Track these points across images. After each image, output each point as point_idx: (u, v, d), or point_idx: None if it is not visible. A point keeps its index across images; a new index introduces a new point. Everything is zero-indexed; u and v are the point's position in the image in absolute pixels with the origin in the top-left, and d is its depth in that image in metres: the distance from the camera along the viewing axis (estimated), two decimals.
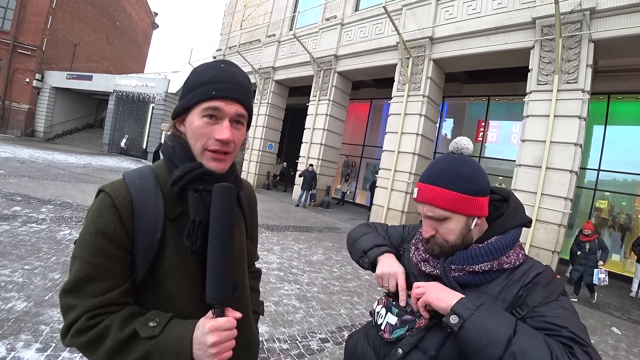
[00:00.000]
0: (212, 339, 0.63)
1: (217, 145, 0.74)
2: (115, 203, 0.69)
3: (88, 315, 0.65)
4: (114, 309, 0.67)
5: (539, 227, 6.73)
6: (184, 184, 0.73)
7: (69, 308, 0.66)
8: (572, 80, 6.64)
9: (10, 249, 3.74)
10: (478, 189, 0.82)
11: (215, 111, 0.73)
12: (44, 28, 22.85)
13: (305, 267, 5.07)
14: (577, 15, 6.57)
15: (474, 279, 0.82)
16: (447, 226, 0.82)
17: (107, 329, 0.65)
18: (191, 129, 0.75)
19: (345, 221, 10.33)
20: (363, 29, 11.38)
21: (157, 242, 0.71)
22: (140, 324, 0.66)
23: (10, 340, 2.23)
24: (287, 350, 2.74)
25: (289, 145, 20.71)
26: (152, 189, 0.74)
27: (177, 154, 0.77)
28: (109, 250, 0.68)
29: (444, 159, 0.86)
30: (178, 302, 0.74)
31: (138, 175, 0.76)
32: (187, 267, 0.74)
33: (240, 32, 16.22)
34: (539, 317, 0.71)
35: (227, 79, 0.74)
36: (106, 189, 0.72)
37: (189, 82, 0.77)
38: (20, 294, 2.84)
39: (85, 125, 27.53)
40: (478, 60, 8.77)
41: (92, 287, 0.66)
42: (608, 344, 4.08)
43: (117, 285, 0.69)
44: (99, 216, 0.69)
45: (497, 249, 0.81)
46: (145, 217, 0.71)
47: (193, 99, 0.74)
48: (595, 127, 9.23)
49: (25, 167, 10.10)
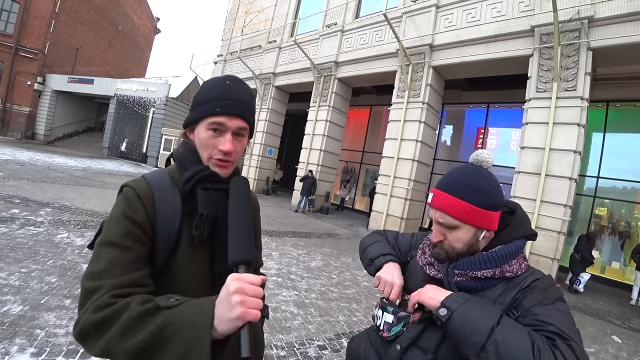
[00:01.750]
0: (235, 286, 0.60)
1: (221, 155, 0.84)
2: (140, 195, 0.77)
3: (112, 293, 0.64)
4: (138, 290, 0.68)
5: (539, 234, 6.69)
6: (194, 183, 0.83)
7: (92, 290, 0.65)
8: (571, 87, 6.68)
9: (7, 251, 3.71)
10: (492, 203, 0.83)
11: (219, 125, 0.83)
12: (46, 32, 23.02)
13: (303, 273, 5.04)
14: (575, 24, 6.63)
15: (475, 284, 0.84)
16: (455, 234, 0.85)
17: (127, 305, 0.62)
18: (199, 139, 0.85)
19: (344, 227, 10.30)
20: (363, 36, 11.47)
21: (175, 232, 0.79)
22: (161, 298, 0.65)
23: (5, 344, 2.20)
24: (284, 358, 2.71)
25: (289, 151, 20.74)
26: (170, 187, 0.84)
27: (187, 158, 0.87)
28: (137, 234, 0.74)
29: (463, 169, 0.87)
30: (189, 290, 0.77)
31: (157, 175, 0.85)
32: (198, 257, 0.82)
33: (241, 38, 16.34)
34: (531, 315, 0.73)
35: (231, 96, 0.83)
36: (130, 184, 0.80)
37: (198, 97, 0.86)
38: (16, 297, 2.81)
39: (85, 129, 27.60)
40: (477, 67, 8.83)
41: (119, 269, 0.69)
42: (608, 353, 4.04)
43: (142, 267, 0.73)
44: (127, 205, 0.76)
45: (500, 257, 0.83)
46: (165, 209, 0.79)
47: (201, 113, 0.84)
48: (594, 135, 9.26)
49: (25, 169, 10.09)
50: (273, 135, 15.73)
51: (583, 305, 6.04)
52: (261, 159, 15.26)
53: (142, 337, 0.58)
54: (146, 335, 0.58)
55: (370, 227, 10.24)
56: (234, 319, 0.58)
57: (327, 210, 12.64)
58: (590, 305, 6.12)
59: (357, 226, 10.94)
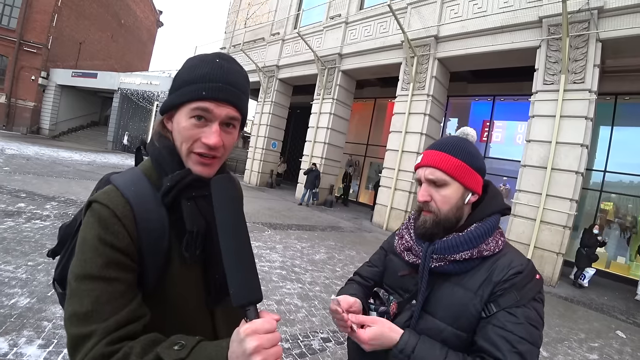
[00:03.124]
0: (252, 344, 0.51)
1: (204, 149, 0.68)
2: (116, 214, 0.62)
3: (107, 340, 0.55)
4: (135, 326, 0.59)
5: (544, 228, 6.67)
6: (176, 194, 0.68)
7: (83, 338, 0.56)
8: (579, 80, 6.57)
9: (14, 245, 3.76)
10: (478, 165, 0.87)
11: (205, 112, 0.67)
12: (49, 26, 23.03)
13: (307, 266, 5.05)
14: (584, 15, 6.49)
15: (454, 267, 0.84)
16: (444, 193, 0.85)
17: (125, 356, 0.55)
18: (178, 128, 0.70)
19: (348, 220, 10.31)
20: (368, 28, 11.34)
21: (165, 249, 0.67)
22: (163, 348, 0.56)
23: (13, 336, 2.24)
24: (288, 350, 2.73)
25: (293, 143, 20.71)
26: (150, 195, 0.68)
27: (165, 159, 0.71)
28: (121, 261, 0.61)
29: (452, 136, 0.92)
30: (182, 308, 0.70)
31: (131, 181, 0.69)
32: (191, 272, 0.71)
33: (244, 30, 16.22)
34: (500, 327, 0.75)
35: (221, 78, 0.68)
36: (100, 199, 0.64)
37: (180, 77, 0.70)
38: (23, 290, 2.85)
39: (90, 123, 27.73)
40: (483, 59, 8.71)
41: (110, 306, 0.58)
42: (613, 348, 4.03)
43: (134, 297, 0.62)
44: (103, 228, 0.61)
45: (476, 237, 0.83)
46: (149, 225, 0.65)
47: (182, 97, 0.68)
48: (602, 128, 9.13)
49: (31, 164, 10.17)
50: (277, 128, 15.70)
51: (587, 300, 6.01)
52: (265, 152, 15.25)
53: None
54: None
55: (374, 220, 10.24)
56: None
57: (331, 204, 12.64)
58: (594, 300, 6.10)
59: (362, 219, 10.95)
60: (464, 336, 0.79)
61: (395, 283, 0.97)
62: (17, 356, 2.06)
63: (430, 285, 0.86)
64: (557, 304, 5.51)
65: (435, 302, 0.84)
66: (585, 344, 4.00)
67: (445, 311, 0.82)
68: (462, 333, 0.79)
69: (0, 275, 3.02)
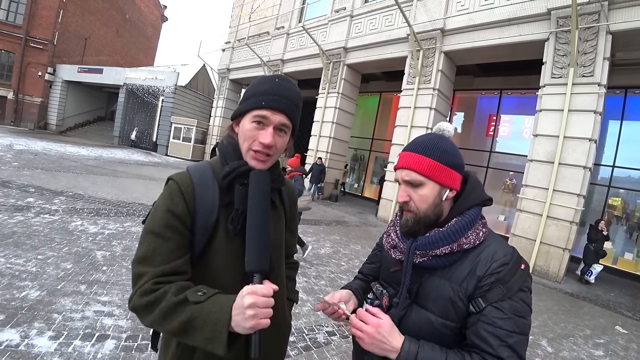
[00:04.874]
0: (249, 300, 0.69)
1: (260, 147, 0.86)
2: (181, 189, 0.84)
3: (154, 281, 0.76)
4: (176, 278, 0.78)
5: (550, 223, 6.62)
6: (232, 179, 0.87)
7: (140, 275, 0.78)
8: (588, 73, 6.46)
9: (24, 239, 3.82)
10: (453, 162, 0.88)
11: (263, 118, 0.86)
12: (55, 22, 23.10)
13: (313, 260, 5.08)
14: (594, 6, 6.36)
15: (437, 262, 0.87)
16: (421, 192, 0.88)
17: (164, 294, 0.74)
18: (242, 130, 0.89)
19: (353, 215, 10.31)
20: (373, 21, 11.22)
21: (212, 223, 0.85)
22: (191, 291, 0.75)
23: (24, 327, 2.29)
24: (294, 343, 2.75)
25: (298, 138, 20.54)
26: (210, 180, 0.88)
27: (228, 153, 0.91)
28: (176, 226, 0.81)
29: (425, 135, 0.93)
30: (223, 276, 0.86)
31: (199, 168, 0.90)
32: (232, 246, 0.86)
33: (249, 24, 16.16)
34: (489, 323, 0.77)
35: (277, 92, 0.86)
36: (174, 177, 0.87)
37: (248, 92, 0.91)
38: (33, 283, 2.90)
39: (96, 118, 27.92)
40: (490, 52, 8.59)
41: (161, 257, 0.78)
42: (618, 344, 4.01)
43: (181, 256, 0.81)
44: (170, 199, 0.83)
45: (455, 231, 0.85)
46: (204, 202, 0.85)
47: (247, 106, 0.87)
48: (611, 122, 8.98)
49: (39, 159, 10.29)
50: None
51: (594, 296, 5.98)
52: None
53: (176, 324, 0.72)
54: (179, 323, 0.72)
55: (380, 215, 10.24)
56: (247, 328, 0.69)
57: (336, 198, 12.65)
58: (601, 296, 6.06)
59: (367, 214, 10.94)
60: (453, 326, 0.83)
61: (389, 278, 1.01)
62: (28, 347, 2.10)
63: (419, 279, 0.89)
64: (562, 299, 5.49)
65: (425, 295, 0.88)
66: (591, 340, 3.98)
67: (434, 303, 0.85)
68: (451, 323, 0.83)
69: (11, 268, 3.08)
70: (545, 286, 6.03)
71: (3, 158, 9.12)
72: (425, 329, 0.85)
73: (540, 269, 6.64)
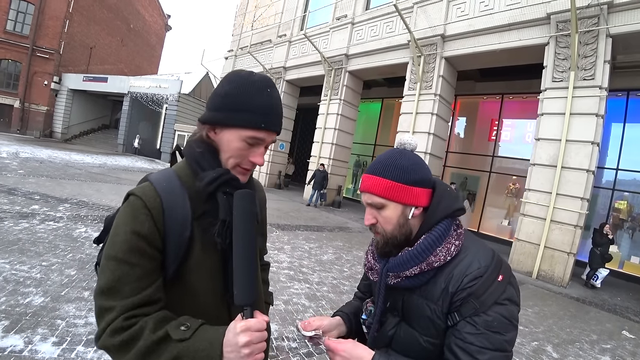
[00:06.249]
0: (244, 339, 0.64)
1: (250, 165, 0.82)
2: (147, 205, 0.72)
3: (125, 316, 0.66)
4: (149, 309, 0.70)
5: (554, 227, 6.58)
6: (218, 185, 0.78)
7: (106, 310, 0.68)
8: (588, 76, 6.46)
9: (29, 245, 3.85)
10: (414, 179, 0.84)
11: (259, 140, 0.79)
12: (61, 32, 23.50)
13: (315, 266, 5.07)
14: (593, 10, 6.39)
15: (410, 282, 0.85)
16: (384, 214, 0.85)
17: (141, 330, 0.66)
18: (229, 146, 0.80)
19: (356, 221, 10.30)
20: (374, 28, 11.32)
21: (186, 240, 0.75)
22: (172, 327, 0.67)
23: (28, 333, 2.30)
24: (295, 349, 2.75)
25: (300, 144, 20.76)
26: (178, 190, 0.78)
27: (205, 159, 0.81)
28: (144, 249, 0.71)
29: (386, 153, 0.90)
30: (202, 296, 0.79)
31: (164, 178, 0.79)
32: (211, 263, 0.80)
33: (251, 32, 16.32)
34: (460, 339, 0.75)
35: (274, 109, 0.80)
36: (136, 192, 0.75)
37: (234, 98, 0.78)
38: (37, 289, 2.93)
39: (101, 126, 28.21)
40: (491, 57, 8.63)
41: (129, 287, 0.68)
42: (625, 350, 3.96)
43: (152, 283, 0.71)
44: (134, 217, 0.72)
45: (422, 250, 0.82)
46: (175, 217, 0.75)
47: (241, 122, 0.77)
48: (614, 125, 8.96)
49: (44, 166, 10.39)
50: (284, 130, 15.72)
51: (600, 301, 5.90)
52: (273, 154, 15.31)
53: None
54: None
55: None
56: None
57: (339, 204, 12.64)
58: (607, 301, 5.98)
59: None
60: (437, 342, 0.82)
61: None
62: (31, 353, 2.12)
63: (400, 298, 0.89)
64: (568, 304, 5.43)
65: (409, 313, 0.87)
66: (597, 345, 3.93)
67: (417, 322, 0.84)
68: (435, 340, 0.82)
69: (16, 274, 3.10)
70: (550, 291, 5.97)
71: (9, 166, 9.23)
72: (414, 346, 0.85)
73: (545, 273, 6.58)
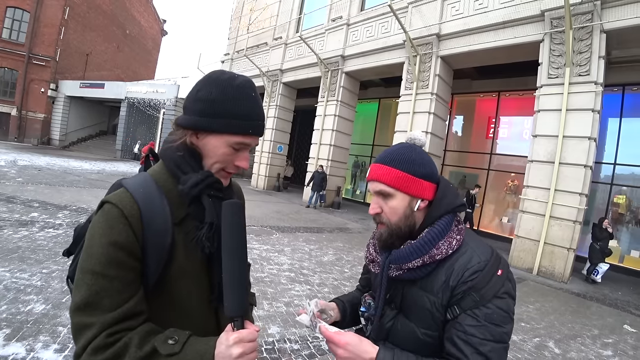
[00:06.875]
0: (237, 351, 0.63)
1: (235, 169, 0.82)
2: (124, 213, 0.68)
3: (107, 332, 0.62)
4: (132, 323, 0.66)
5: (553, 223, 6.59)
6: (203, 188, 0.77)
7: (85, 326, 0.63)
8: (584, 72, 6.49)
9: (29, 253, 3.85)
10: (423, 172, 0.87)
11: (245, 145, 0.80)
12: (57, 39, 23.50)
13: (316, 268, 5.07)
14: (587, 6, 6.43)
15: (412, 275, 0.86)
16: (391, 204, 0.87)
17: (125, 347, 0.62)
18: (215, 152, 0.78)
19: (356, 221, 10.30)
20: (369, 29, 11.35)
21: (167, 246, 0.72)
22: (159, 341, 0.64)
23: (30, 341, 2.30)
24: (298, 351, 2.75)
25: (299, 146, 20.77)
26: (157, 196, 0.74)
27: (187, 162, 0.78)
28: (123, 260, 0.67)
29: (397, 146, 0.92)
30: (187, 302, 0.77)
31: (140, 183, 0.75)
32: (194, 268, 0.77)
33: (247, 35, 16.38)
34: (462, 331, 0.77)
35: (259, 115, 0.80)
36: (111, 200, 0.70)
37: (220, 104, 0.75)
38: (38, 296, 2.92)
39: (98, 132, 28.19)
40: (487, 55, 8.66)
41: (108, 301, 0.64)
42: (627, 343, 3.96)
43: (132, 295, 0.68)
44: (110, 227, 0.67)
45: (425, 243, 0.84)
46: (155, 223, 0.71)
47: (227, 128, 0.76)
48: (610, 120, 8.99)
49: (42, 174, 10.37)
50: (282, 132, 15.77)
51: (601, 296, 5.92)
52: (271, 156, 15.32)
53: None
54: None
55: None
56: None
57: (338, 205, 12.65)
58: (608, 295, 6.00)
59: (369, 220, 10.91)
60: (436, 335, 0.83)
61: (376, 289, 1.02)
62: None
63: (400, 290, 0.91)
64: (569, 300, 5.44)
65: (408, 306, 0.88)
66: (599, 340, 3.94)
67: (416, 314, 0.86)
68: (434, 333, 0.83)
69: (16, 282, 3.10)
70: (551, 287, 5.98)
71: (7, 174, 9.21)
72: (411, 339, 0.86)
73: (546, 269, 6.59)
